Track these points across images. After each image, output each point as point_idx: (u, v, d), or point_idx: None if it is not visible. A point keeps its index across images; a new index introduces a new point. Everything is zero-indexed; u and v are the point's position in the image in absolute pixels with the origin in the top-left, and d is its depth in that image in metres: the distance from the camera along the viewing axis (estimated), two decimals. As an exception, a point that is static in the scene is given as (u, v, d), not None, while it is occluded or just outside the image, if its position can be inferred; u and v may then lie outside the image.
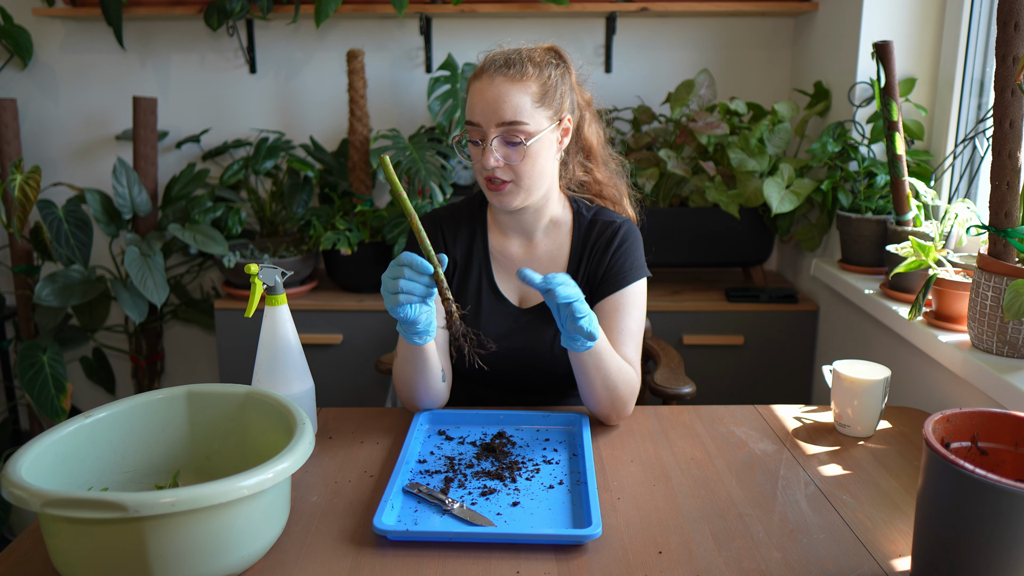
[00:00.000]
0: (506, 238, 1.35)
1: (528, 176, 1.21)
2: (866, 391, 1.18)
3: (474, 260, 1.34)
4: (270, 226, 2.37)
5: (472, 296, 1.33)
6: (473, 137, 1.22)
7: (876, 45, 1.67)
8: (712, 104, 2.22)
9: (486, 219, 1.37)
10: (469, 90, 1.24)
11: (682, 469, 1.10)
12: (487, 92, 1.18)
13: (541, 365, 1.30)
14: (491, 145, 1.18)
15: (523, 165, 1.20)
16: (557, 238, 1.34)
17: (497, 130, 1.18)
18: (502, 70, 1.19)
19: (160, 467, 1.02)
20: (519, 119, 1.17)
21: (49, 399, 2.08)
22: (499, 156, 1.19)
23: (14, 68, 2.45)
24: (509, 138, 1.18)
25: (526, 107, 1.18)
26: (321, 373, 2.07)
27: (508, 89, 1.18)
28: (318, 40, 2.43)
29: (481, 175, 1.23)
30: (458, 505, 0.98)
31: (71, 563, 0.80)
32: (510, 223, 1.33)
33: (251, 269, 1.12)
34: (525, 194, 1.23)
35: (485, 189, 1.24)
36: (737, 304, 2.11)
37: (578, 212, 1.35)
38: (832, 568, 0.87)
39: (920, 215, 1.69)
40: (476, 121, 1.20)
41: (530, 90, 1.19)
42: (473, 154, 1.24)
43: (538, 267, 1.33)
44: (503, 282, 1.34)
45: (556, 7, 2.20)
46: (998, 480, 0.73)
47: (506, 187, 1.21)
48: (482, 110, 1.19)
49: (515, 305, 1.33)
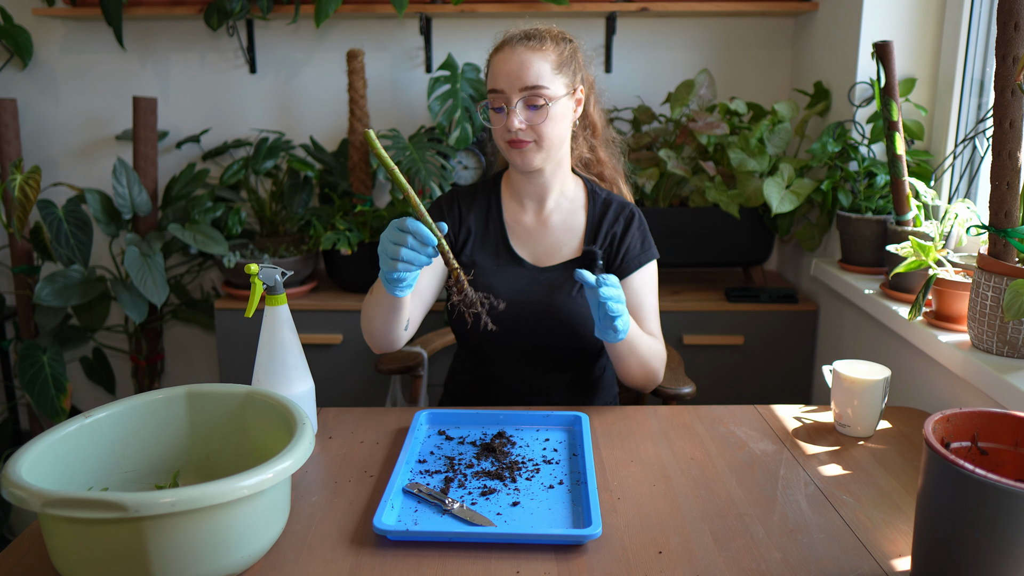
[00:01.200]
0: (520, 208, 1.44)
1: (548, 137, 1.31)
2: (866, 391, 1.18)
3: (490, 228, 1.43)
4: (270, 226, 2.37)
5: (489, 259, 1.41)
6: (496, 104, 1.32)
7: (876, 45, 1.67)
8: (712, 104, 2.22)
9: (500, 191, 1.46)
10: (491, 62, 1.35)
11: (682, 469, 1.10)
12: (510, 60, 1.29)
13: (561, 319, 1.37)
14: (515, 108, 1.28)
15: (544, 126, 1.30)
16: (570, 212, 1.43)
17: (520, 94, 1.28)
18: (523, 41, 1.31)
19: (160, 467, 1.02)
20: (540, 83, 1.28)
21: (49, 399, 2.08)
22: (522, 119, 1.29)
23: (14, 68, 2.45)
24: (531, 101, 1.29)
25: (546, 73, 1.29)
26: (321, 373, 2.07)
27: (530, 57, 1.29)
28: (318, 40, 2.43)
29: (503, 139, 1.33)
30: (458, 505, 0.98)
31: (71, 563, 0.80)
32: (525, 189, 1.42)
33: (251, 269, 1.12)
34: (545, 154, 1.33)
35: (507, 151, 1.34)
36: (737, 304, 2.11)
37: (592, 191, 1.45)
38: (832, 568, 0.87)
39: (920, 215, 1.69)
40: (500, 88, 1.30)
41: (549, 58, 1.30)
42: (495, 121, 1.33)
43: (551, 236, 1.42)
44: (519, 246, 1.43)
45: (556, 7, 2.20)
46: (998, 480, 0.73)
47: (528, 145, 1.31)
48: (506, 76, 1.29)
49: (532, 264, 1.41)
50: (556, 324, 1.36)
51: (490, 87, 1.32)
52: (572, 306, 1.36)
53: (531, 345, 1.39)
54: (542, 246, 1.42)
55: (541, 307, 1.37)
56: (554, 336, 1.37)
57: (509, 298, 1.35)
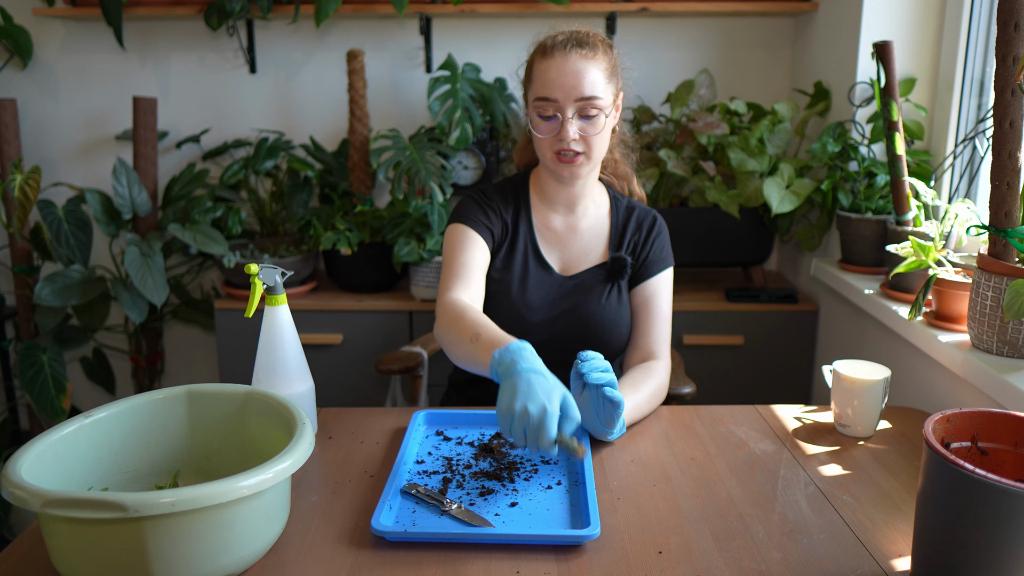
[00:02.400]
0: (550, 211, 1.42)
1: (598, 148, 1.29)
2: (866, 391, 1.18)
3: (520, 232, 1.41)
4: (270, 226, 2.37)
5: (519, 265, 1.39)
6: (546, 112, 1.27)
7: (876, 45, 1.67)
8: (712, 104, 2.22)
9: (529, 195, 1.43)
10: (538, 67, 1.28)
11: (682, 469, 1.10)
12: (565, 68, 1.24)
13: (587, 326, 1.36)
14: (570, 118, 1.25)
15: (596, 138, 1.27)
16: (597, 217, 1.42)
17: (575, 104, 1.24)
18: (576, 48, 1.25)
19: (160, 467, 1.02)
20: (595, 93, 1.24)
21: (49, 399, 2.08)
22: (576, 129, 1.25)
23: (14, 68, 2.45)
24: (585, 112, 1.25)
25: (600, 83, 1.25)
26: (321, 373, 2.07)
27: (585, 66, 1.24)
28: (318, 40, 2.43)
29: (551, 149, 1.28)
30: (456, 506, 0.98)
31: (71, 563, 0.80)
32: (558, 196, 1.39)
33: (251, 269, 1.12)
34: (592, 165, 1.31)
35: (553, 163, 1.29)
36: (737, 304, 2.11)
37: (614, 197, 1.45)
38: (832, 568, 0.87)
39: (920, 215, 1.69)
40: (553, 96, 1.25)
41: (602, 67, 1.26)
42: (544, 129, 1.28)
43: (580, 242, 1.41)
44: (548, 252, 1.41)
45: (556, 7, 2.20)
46: (998, 480, 0.73)
47: (578, 159, 1.28)
48: (561, 85, 1.24)
49: (559, 273, 1.39)
50: (584, 331, 1.35)
51: (540, 95, 1.26)
52: (600, 312, 1.36)
53: (555, 351, 1.33)
54: (571, 251, 1.40)
55: (568, 315, 1.36)
56: (580, 343, 1.35)
57: (538, 306, 1.35)
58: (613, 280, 1.38)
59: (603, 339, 1.36)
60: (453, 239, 1.35)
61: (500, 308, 1.36)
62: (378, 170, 2.10)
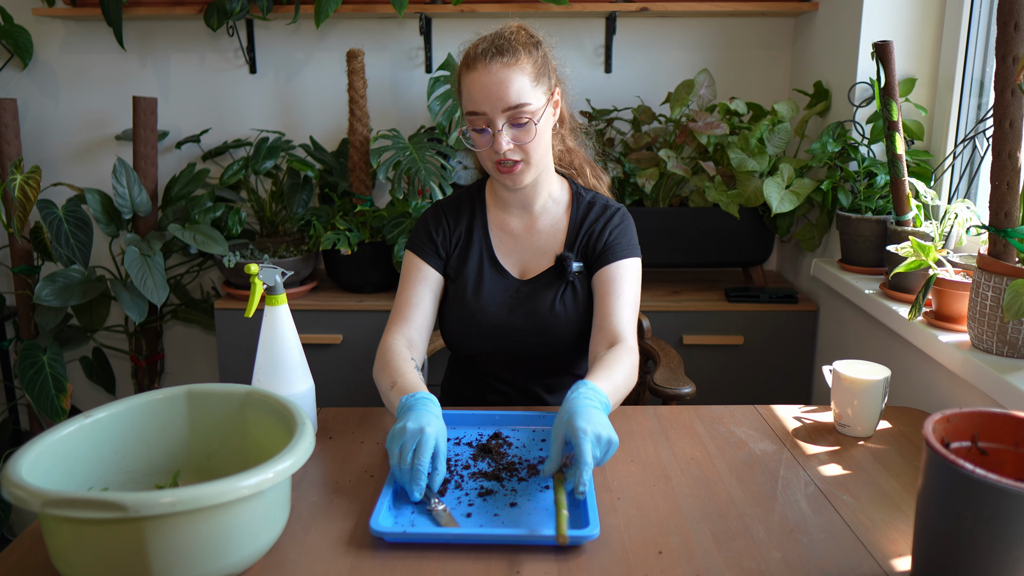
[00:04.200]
0: (506, 214, 1.41)
1: (536, 153, 1.27)
2: (866, 391, 1.18)
3: (475, 237, 1.40)
4: (270, 226, 2.37)
5: (473, 270, 1.38)
6: (477, 125, 1.26)
7: (876, 45, 1.67)
8: (712, 104, 2.22)
9: (484, 198, 1.43)
10: (464, 81, 1.26)
11: (682, 469, 1.10)
12: (487, 80, 1.22)
13: (543, 331, 1.35)
14: (501, 129, 1.23)
15: (532, 144, 1.25)
16: (556, 214, 1.40)
17: (504, 115, 1.22)
18: (496, 57, 1.22)
19: (160, 467, 1.02)
20: (523, 100, 1.22)
21: (49, 399, 2.08)
22: (508, 139, 1.24)
23: (14, 68, 2.45)
24: (516, 120, 1.23)
25: (527, 88, 1.22)
26: (321, 373, 2.07)
27: (507, 74, 1.21)
28: (318, 40, 2.43)
29: (490, 160, 1.27)
30: (442, 507, 0.97)
31: (71, 563, 0.80)
32: (512, 198, 1.39)
33: (251, 269, 1.12)
34: (534, 170, 1.30)
35: (496, 173, 1.29)
36: (737, 304, 2.11)
37: (576, 193, 1.41)
38: (832, 568, 0.87)
39: (920, 215, 1.69)
40: (481, 110, 1.24)
41: (526, 71, 1.23)
42: (479, 142, 1.28)
43: (538, 241, 1.39)
44: (503, 256, 1.40)
45: (556, 7, 2.20)
46: (998, 480, 0.73)
47: (518, 167, 1.27)
48: (486, 98, 1.22)
49: (515, 277, 1.38)
50: (540, 335, 1.35)
51: (469, 109, 1.25)
52: (553, 314, 1.34)
53: (518, 355, 1.38)
54: (528, 252, 1.39)
55: (525, 319, 1.35)
56: (540, 346, 1.36)
57: (493, 311, 1.35)
58: (564, 279, 1.36)
59: (558, 336, 1.35)
60: (403, 269, 1.40)
61: (455, 313, 1.37)
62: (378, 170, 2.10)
